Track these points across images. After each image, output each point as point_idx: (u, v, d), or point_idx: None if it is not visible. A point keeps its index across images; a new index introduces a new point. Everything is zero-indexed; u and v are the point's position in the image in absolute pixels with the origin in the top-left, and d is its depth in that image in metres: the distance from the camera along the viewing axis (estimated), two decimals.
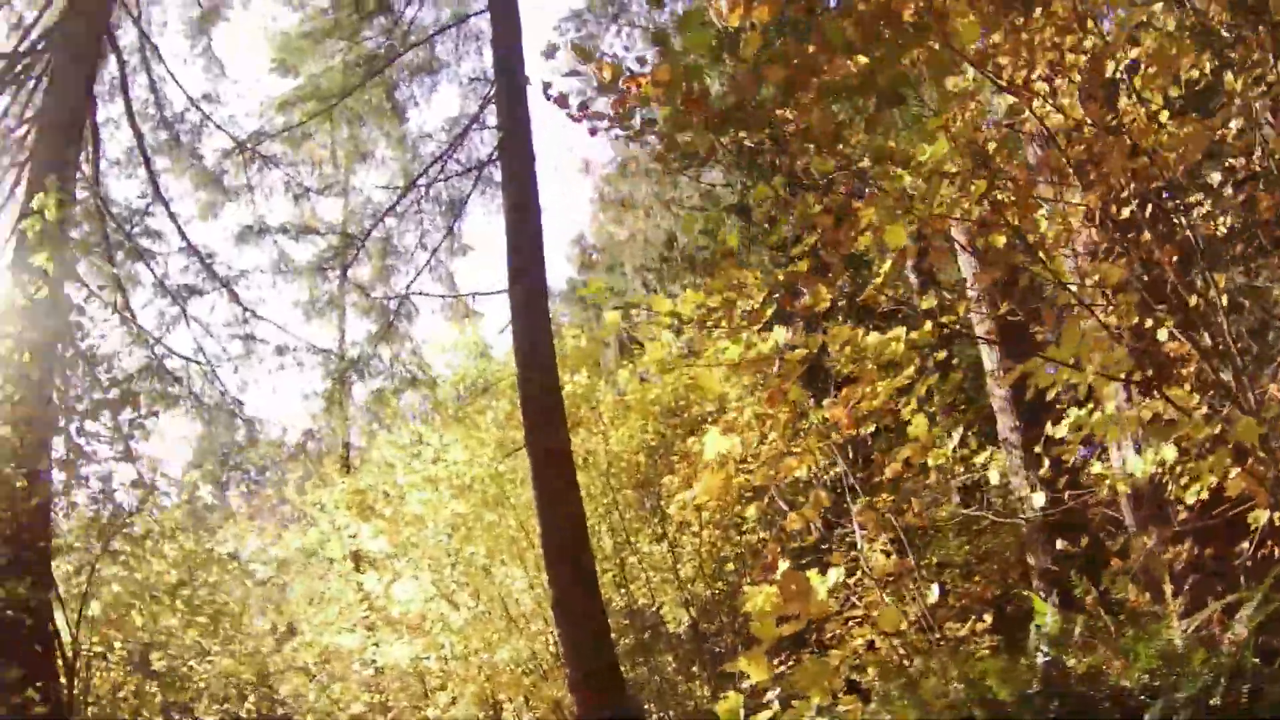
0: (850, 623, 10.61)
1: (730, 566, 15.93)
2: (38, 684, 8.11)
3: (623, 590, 15.30)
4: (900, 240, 5.87)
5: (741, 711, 5.66)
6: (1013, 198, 6.14)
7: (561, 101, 5.46)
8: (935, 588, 7.46)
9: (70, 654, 9.16)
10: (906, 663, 7.70)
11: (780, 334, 6.90)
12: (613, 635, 12.50)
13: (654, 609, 15.81)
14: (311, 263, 16.87)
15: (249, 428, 16.58)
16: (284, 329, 17.41)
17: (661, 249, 25.18)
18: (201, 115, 16.58)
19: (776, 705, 5.92)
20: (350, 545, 16.97)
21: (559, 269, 37.52)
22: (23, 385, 8.54)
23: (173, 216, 16.58)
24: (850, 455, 9.14)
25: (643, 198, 26.22)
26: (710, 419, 14.83)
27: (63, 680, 9.02)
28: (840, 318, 17.17)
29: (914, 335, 6.63)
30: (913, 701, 6.50)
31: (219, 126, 16.62)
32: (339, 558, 17.59)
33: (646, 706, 15.46)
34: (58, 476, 9.36)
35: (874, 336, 7.07)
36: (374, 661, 15.85)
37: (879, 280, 6.41)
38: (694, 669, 15.68)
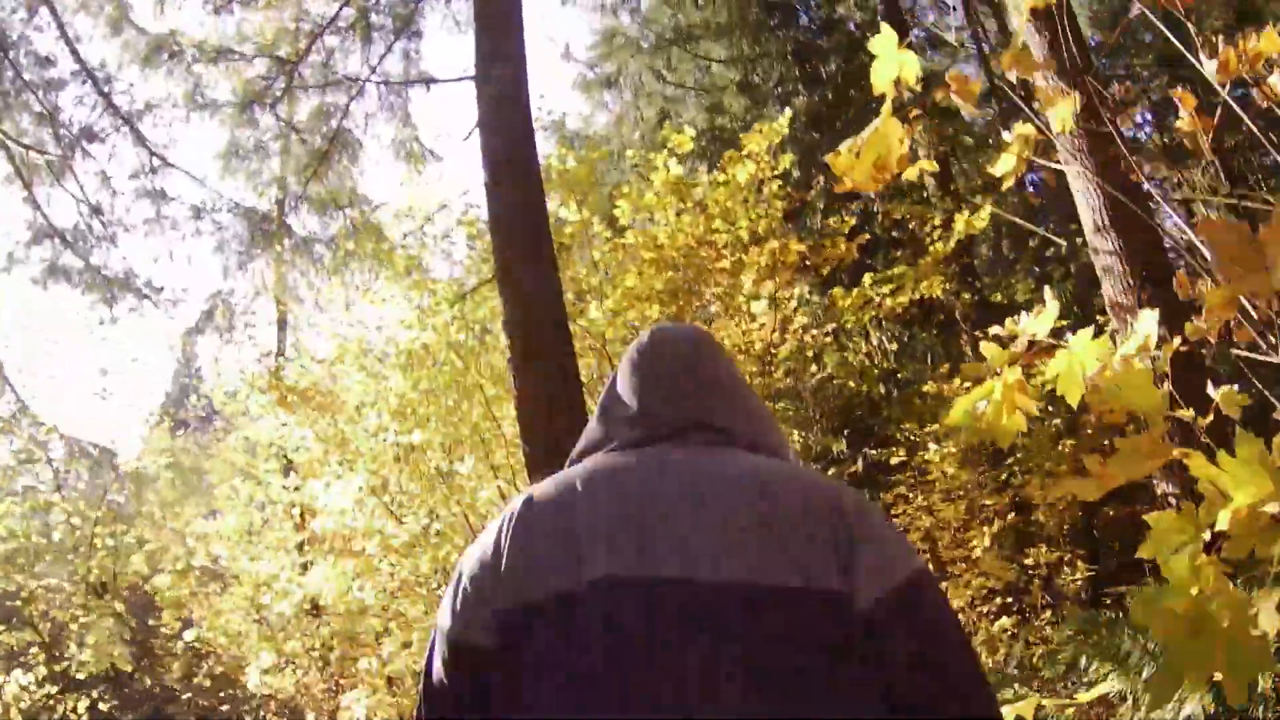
0: None
1: None
2: None
3: None
4: None
5: None
6: None
7: None
8: None
9: None
10: None
11: None
12: None
13: None
14: (236, 96, 13.42)
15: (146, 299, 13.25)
16: (203, 183, 14.19)
17: (654, 129, 21.85)
18: None
19: None
20: (281, 449, 13.39)
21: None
22: None
23: (63, 31, 13.19)
24: None
25: (631, 74, 22.78)
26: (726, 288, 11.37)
27: None
28: None
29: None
30: None
31: None
32: (272, 469, 14.03)
33: None
34: None
35: None
36: (286, 594, 12.02)
37: None
38: None
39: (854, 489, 2.08)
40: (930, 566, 9.48)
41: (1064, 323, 10.59)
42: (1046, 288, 3.17)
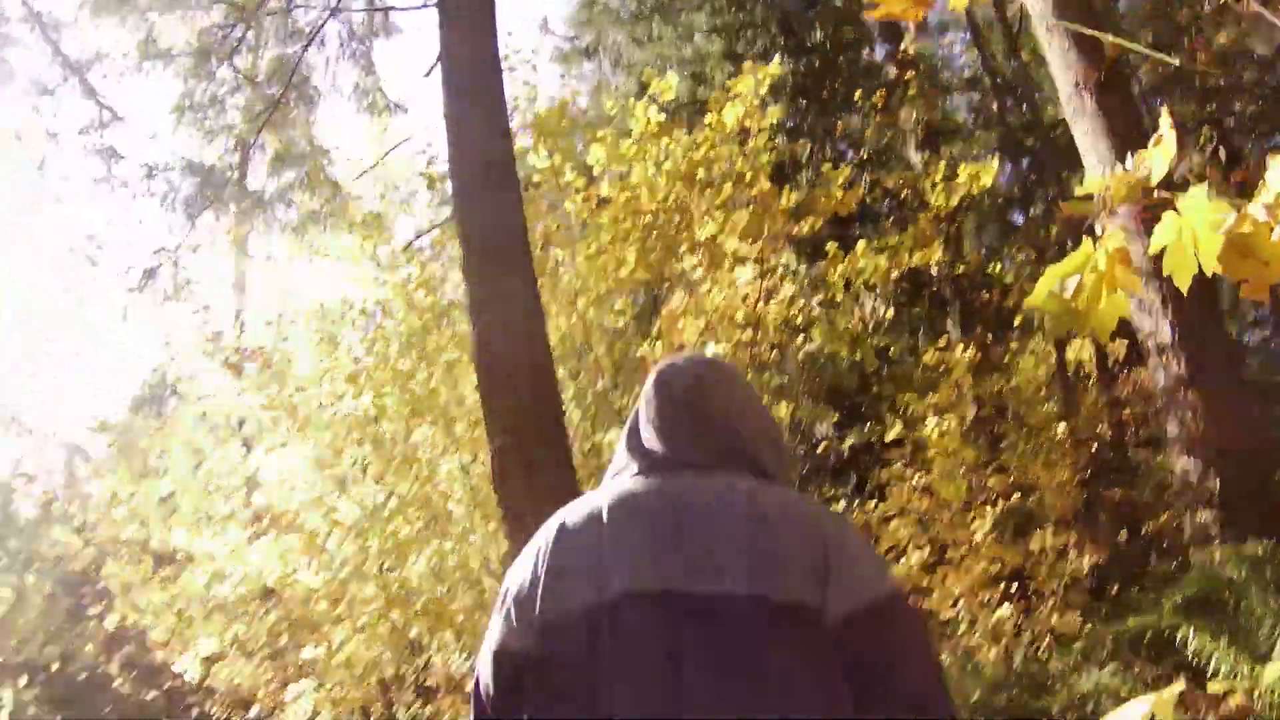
0: None
1: None
2: None
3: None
4: None
5: None
6: None
7: None
8: None
9: None
10: None
11: None
12: None
13: None
14: (191, 46, 12.61)
15: None
16: (154, 138, 13.49)
17: (633, 99, 21.07)
18: None
19: None
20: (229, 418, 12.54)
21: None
22: None
23: None
24: None
25: (610, 45, 21.99)
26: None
27: None
28: None
29: None
30: None
31: None
32: (220, 438, 13.11)
33: None
34: None
35: None
36: (223, 575, 11.04)
37: None
38: None
39: (837, 514, 2.50)
40: (920, 563, 8.87)
41: None
42: (1164, 108, 2.35)
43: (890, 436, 10.87)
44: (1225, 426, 8.19)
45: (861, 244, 11.38)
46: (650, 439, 2.32)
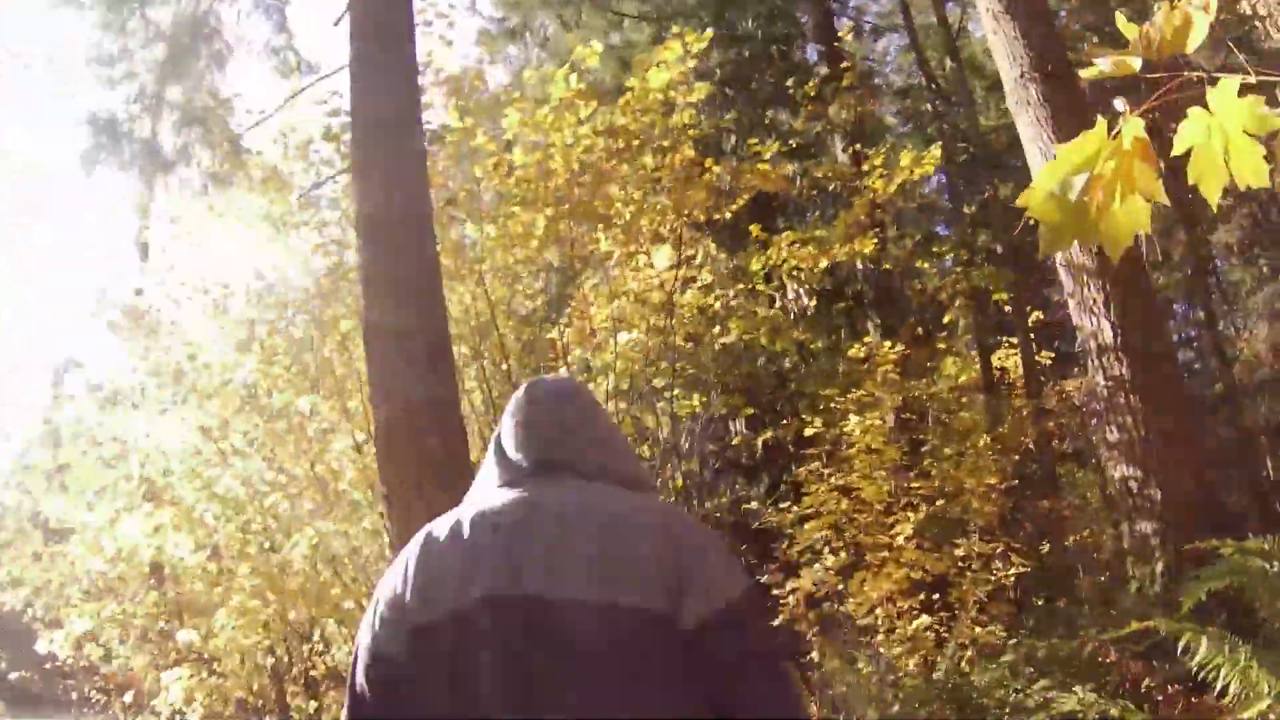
0: None
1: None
2: None
3: None
4: None
5: None
6: None
7: None
8: None
9: None
10: None
11: None
12: None
13: None
14: None
15: None
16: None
17: (554, 68, 20.57)
18: None
19: None
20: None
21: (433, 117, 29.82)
22: None
23: None
24: None
25: (538, 27, 21.53)
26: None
27: None
28: None
29: None
30: None
31: None
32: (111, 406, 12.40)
33: None
34: None
35: None
36: (98, 548, 10.37)
37: None
38: None
39: (693, 519, 2.63)
40: (837, 565, 8.47)
41: (1001, 296, 9.32)
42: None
43: (808, 433, 10.43)
44: (1166, 432, 7.86)
45: (787, 234, 10.96)
46: (513, 449, 2.38)
